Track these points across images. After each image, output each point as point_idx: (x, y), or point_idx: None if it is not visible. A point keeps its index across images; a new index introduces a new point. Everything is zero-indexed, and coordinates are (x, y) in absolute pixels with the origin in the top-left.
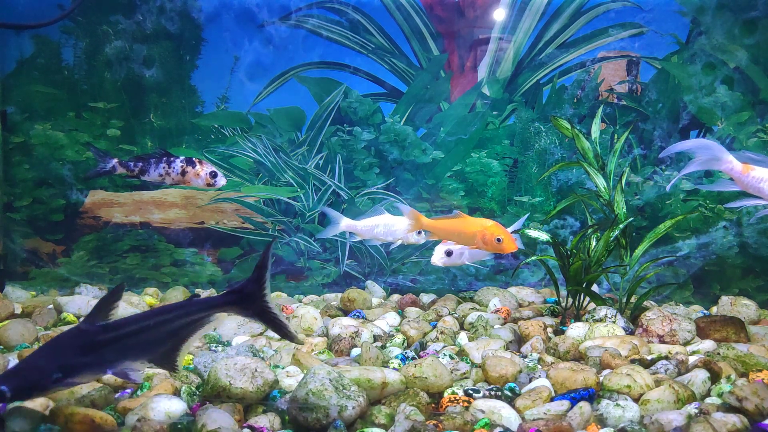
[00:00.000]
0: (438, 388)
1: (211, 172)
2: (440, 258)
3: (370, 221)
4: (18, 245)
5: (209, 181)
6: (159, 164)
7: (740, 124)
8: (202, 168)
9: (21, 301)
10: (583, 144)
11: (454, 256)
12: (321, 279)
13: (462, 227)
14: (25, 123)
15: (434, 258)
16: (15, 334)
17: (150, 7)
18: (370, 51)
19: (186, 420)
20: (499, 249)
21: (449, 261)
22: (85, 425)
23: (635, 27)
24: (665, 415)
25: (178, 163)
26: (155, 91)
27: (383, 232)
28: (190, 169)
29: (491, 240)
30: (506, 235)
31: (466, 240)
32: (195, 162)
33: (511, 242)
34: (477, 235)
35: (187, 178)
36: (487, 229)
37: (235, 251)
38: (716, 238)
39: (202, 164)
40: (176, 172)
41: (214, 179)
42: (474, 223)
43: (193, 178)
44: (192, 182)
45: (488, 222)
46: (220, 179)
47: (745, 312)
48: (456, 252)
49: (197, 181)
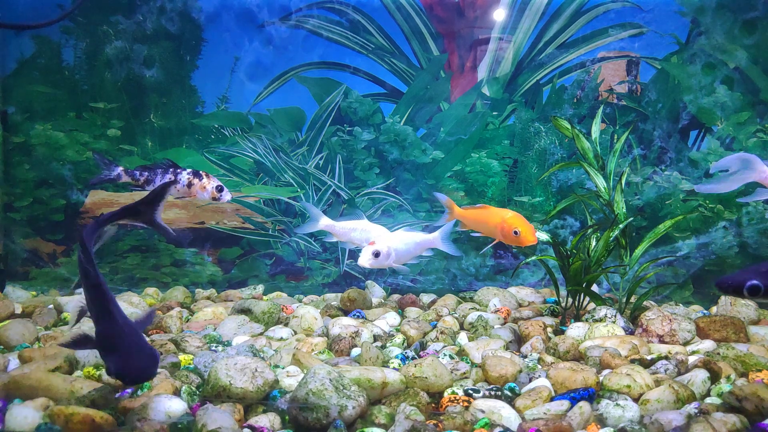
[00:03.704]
0: (438, 387)
1: (217, 186)
2: (367, 259)
3: (348, 224)
4: (18, 245)
5: (215, 195)
6: (165, 175)
7: (740, 124)
8: (209, 181)
9: (21, 301)
10: (583, 144)
11: (381, 258)
12: (321, 279)
13: (485, 218)
14: (26, 123)
15: (361, 259)
16: (15, 333)
17: (150, 7)
18: (370, 51)
19: (186, 420)
20: (517, 241)
21: (376, 262)
22: (86, 425)
23: (635, 27)
24: (665, 415)
25: (184, 175)
26: (155, 91)
27: (359, 237)
28: (196, 181)
29: (509, 232)
30: (525, 226)
31: (489, 231)
32: (202, 175)
33: (530, 234)
34: (497, 227)
35: (193, 190)
36: (506, 221)
37: (236, 251)
38: (716, 238)
39: (209, 178)
40: (182, 184)
41: (220, 194)
42: (495, 215)
43: (199, 191)
44: (198, 195)
45: (508, 213)
46: (226, 194)
47: (744, 312)
48: (383, 254)
49: (203, 194)
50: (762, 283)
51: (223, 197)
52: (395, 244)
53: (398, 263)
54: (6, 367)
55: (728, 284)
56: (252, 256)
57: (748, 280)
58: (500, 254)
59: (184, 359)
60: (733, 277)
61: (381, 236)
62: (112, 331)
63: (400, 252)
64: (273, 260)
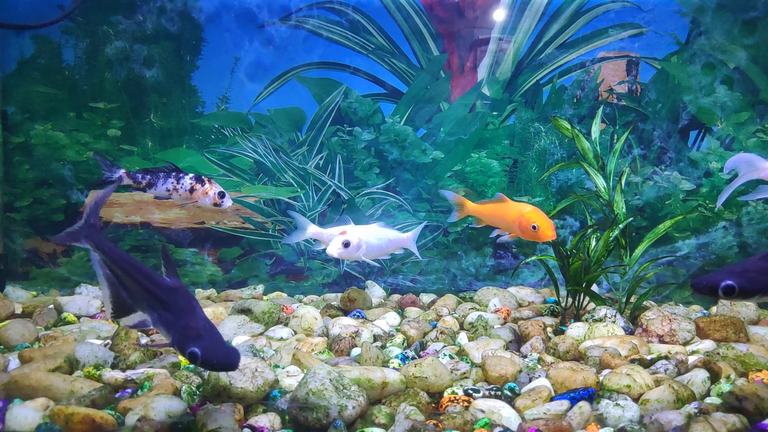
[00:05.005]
0: (438, 387)
1: (219, 192)
2: (336, 248)
3: (336, 231)
4: (18, 245)
5: (216, 201)
6: (167, 179)
7: (740, 124)
8: (211, 187)
9: (21, 301)
10: (583, 144)
11: (351, 249)
12: (321, 279)
13: (502, 212)
14: (26, 123)
15: (330, 248)
16: (15, 333)
17: (150, 7)
18: (370, 51)
19: (186, 420)
20: (535, 237)
21: (345, 253)
22: (86, 425)
23: (635, 27)
24: (665, 415)
25: (187, 180)
26: (156, 91)
27: None
28: (199, 186)
29: (527, 227)
30: (544, 221)
31: (506, 226)
32: (204, 180)
33: (550, 230)
34: (515, 221)
35: (195, 195)
36: (524, 215)
37: (236, 251)
38: (716, 238)
39: (212, 183)
40: (185, 189)
41: (222, 200)
42: (513, 209)
43: (201, 197)
44: (199, 200)
45: (526, 207)
46: (227, 200)
47: (744, 312)
48: (353, 245)
49: (205, 199)
50: (736, 283)
51: (224, 203)
52: (367, 238)
53: (369, 257)
54: (6, 367)
55: (703, 285)
56: (252, 256)
57: (723, 280)
58: (500, 254)
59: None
60: (708, 277)
61: (353, 228)
62: (197, 324)
63: (371, 246)
64: (273, 260)
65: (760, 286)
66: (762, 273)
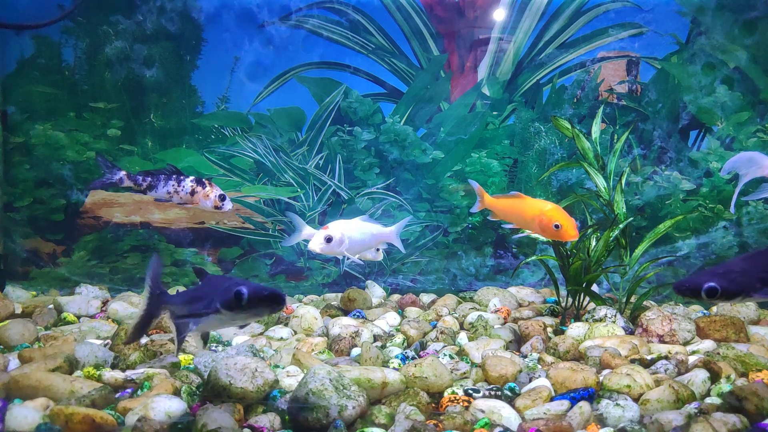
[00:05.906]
0: (438, 387)
1: (220, 195)
2: (318, 243)
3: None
4: (18, 245)
5: (217, 204)
6: (168, 181)
7: (740, 124)
8: (212, 190)
9: (21, 300)
10: (584, 144)
11: (333, 244)
12: (321, 279)
13: (520, 209)
14: (26, 123)
15: (312, 243)
16: (15, 333)
17: (150, 7)
18: (371, 51)
19: (186, 420)
20: (557, 236)
21: (327, 248)
22: (86, 425)
23: (635, 27)
24: (665, 415)
25: (188, 183)
26: (155, 91)
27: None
28: (199, 189)
29: (548, 226)
30: (566, 220)
31: (524, 223)
32: (205, 183)
33: (573, 229)
34: (534, 219)
35: (195, 198)
36: (545, 213)
37: (236, 251)
38: (716, 238)
39: (212, 186)
40: (185, 191)
41: (223, 202)
42: (532, 206)
43: (202, 199)
44: (200, 203)
45: (547, 205)
46: (228, 203)
47: (744, 312)
48: (336, 240)
49: (205, 202)
50: (719, 285)
51: (225, 206)
52: (350, 233)
53: (352, 253)
54: (6, 367)
55: (686, 287)
56: (252, 256)
57: (706, 282)
58: (500, 254)
59: (184, 359)
60: (691, 279)
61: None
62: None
63: (354, 241)
64: (273, 260)
65: (743, 287)
66: (744, 274)
